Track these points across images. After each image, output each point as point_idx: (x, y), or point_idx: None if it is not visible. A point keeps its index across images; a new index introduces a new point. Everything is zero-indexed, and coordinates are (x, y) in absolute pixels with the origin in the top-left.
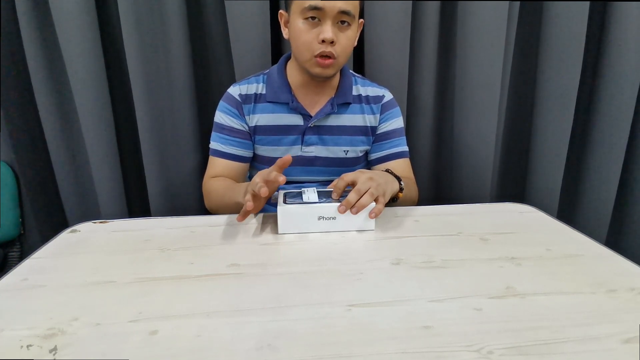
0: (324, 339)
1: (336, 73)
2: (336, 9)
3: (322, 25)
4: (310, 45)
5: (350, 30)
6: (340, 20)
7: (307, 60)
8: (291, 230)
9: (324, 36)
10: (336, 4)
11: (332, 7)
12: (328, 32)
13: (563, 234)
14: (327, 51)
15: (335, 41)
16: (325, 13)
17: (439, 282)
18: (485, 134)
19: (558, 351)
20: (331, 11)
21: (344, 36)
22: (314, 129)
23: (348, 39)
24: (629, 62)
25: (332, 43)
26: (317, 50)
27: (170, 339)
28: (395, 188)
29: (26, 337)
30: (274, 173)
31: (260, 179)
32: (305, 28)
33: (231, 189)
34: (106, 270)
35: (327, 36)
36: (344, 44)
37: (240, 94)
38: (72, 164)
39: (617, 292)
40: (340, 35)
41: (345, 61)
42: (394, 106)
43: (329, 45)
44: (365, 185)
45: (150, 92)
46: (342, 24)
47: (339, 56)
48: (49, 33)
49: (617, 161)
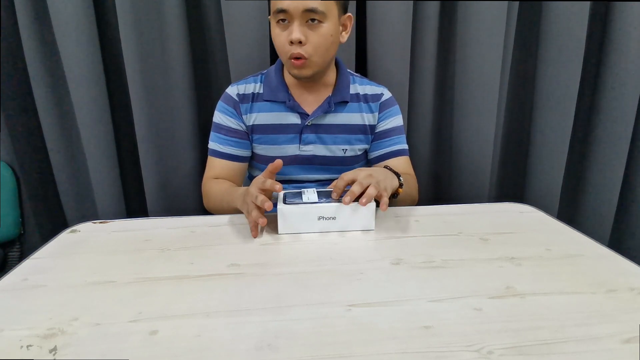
0: (324, 339)
1: (318, 72)
2: (300, 9)
3: (291, 26)
4: (283, 48)
5: (322, 28)
6: (310, 19)
7: (285, 62)
8: (291, 230)
9: (290, 37)
10: (299, 3)
11: (295, 7)
12: (295, 33)
13: (563, 234)
14: (296, 52)
15: (305, 41)
16: (291, 14)
17: (439, 282)
18: (484, 134)
19: (558, 351)
20: (296, 11)
21: (315, 34)
22: (312, 128)
23: (320, 37)
24: (630, 62)
25: (301, 43)
26: (289, 52)
27: (170, 339)
28: (395, 184)
29: (26, 337)
30: (269, 182)
31: (256, 190)
32: (278, 31)
33: (229, 194)
34: (106, 270)
35: (293, 37)
36: (316, 42)
37: (237, 94)
38: (72, 164)
39: (617, 292)
40: (310, 34)
41: (323, 59)
42: (393, 104)
43: (297, 46)
44: (366, 181)
45: (148, 92)
46: (313, 22)
47: (312, 55)
48: (48, 34)
49: (619, 161)
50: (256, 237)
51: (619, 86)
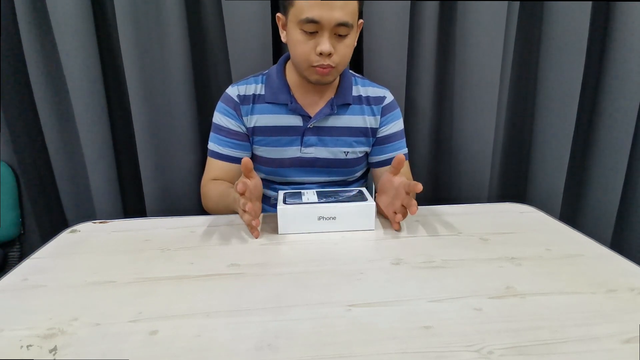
0: (324, 339)
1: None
2: (333, 22)
3: (319, 37)
4: (308, 57)
5: (348, 39)
6: (339, 33)
7: (305, 69)
8: (291, 231)
9: (321, 49)
10: (333, 16)
11: (329, 20)
12: (325, 45)
13: (563, 234)
14: (326, 64)
15: (333, 52)
16: (322, 26)
17: (439, 282)
18: (484, 135)
19: (558, 351)
20: (328, 24)
21: (342, 45)
22: (314, 130)
23: (346, 47)
24: (632, 62)
25: (330, 55)
26: (314, 62)
27: (170, 339)
28: None
29: (26, 337)
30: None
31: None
32: (303, 39)
33: (227, 195)
34: (106, 270)
35: (325, 49)
36: (343, 53)
37: (238, 95)
38: (72, 164)
39: (617, 292)
40: (338, 45)
41: (345, 67)
42: (395, 108)
43: (326, 58)
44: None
45: (146, 92)
46: (340, 36)
47: (338, 64)
48: (48, 34)
49: (621, 161)
50: (258, 237)
51: (620, 86)
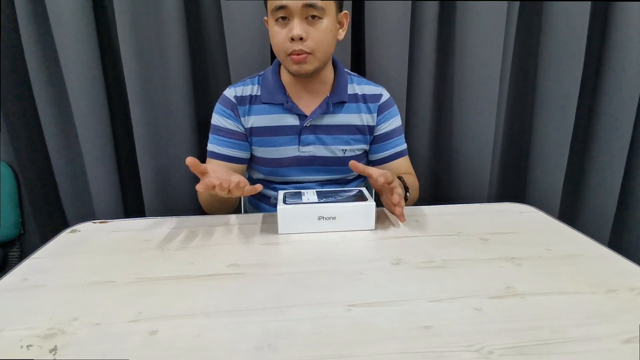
0: (324, 339)
1: (318, 68)
2: (300, 4)
3: (290, 23)
4: (283, 45)
5: (322, 24)
6: (310, 15)
7: (284, 60)
8: (291, 230)
9: (291, 34)
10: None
11: (295, 4)
12: (295, 29)
13: (563, 234)
14: (298, 49)
15: (305, 37)
16: (291, 10)
17: (439, 282)
18: (483, 134)
19: (558, 351)
20: (295, 7)
21: (316, 30)
22: (310, 129)
23: (320, 32)
24: (631, 62)
25: (302, 39)
26: (289, 49)
27: (170, 339)
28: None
29: (26, 337)
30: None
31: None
32: (277, 29)
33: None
34: (106, 270)
35: (295, 33)
36: (317, 38)
37: (235, 96)
38: (72, 164)
39: (617, 292)
40: (311, 30)
41: (325, 55)
42: (392, 105)
43: (298, 42)
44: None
45: (146, 92)
46: (313, 19)
47: (314, 50)
48: (48, 34)
49: (619, 161)
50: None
51: (619, 87)
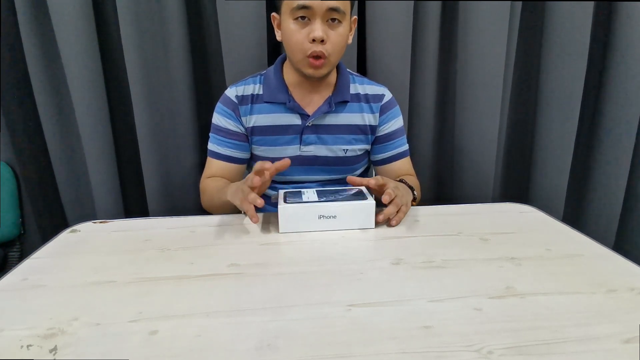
0: (324, 339)
1: (330, 72)
2: (325, 7)
3: (312, 24)
4: (302, 45)
5: (341, 27)
6: (330, 18)
7: (300, 60)
8: (292, 230)
9: (314, 35)
10: (324, 2)
11: (320, 5)
12: (318, 31)
13: (563, 234)
14: (318, 50)
15: (326, 39)
16: (314, 12)
17: (439, 282)
18: (487, 134)
19: (558, 351)
20: (320, 9)
21: (335, 33)
22: (312, 128)
23: (339, 36)
24: (635, 62)
25: (323, 42)
26: (308, 50)
27: (170, 339)
28: (410, 199)
29: (26, 337)
30: (255, 178)
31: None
32: (296, 28)
33: (221, 190)
34: (106, 270)
35: (317, 35)
36: (335, 42)
37: (236, 95)
38: (72, 164)
39: (617, 292)
40: (330, 33)
41: (337, 59)
42: (394, 105)
43: (319, 44)
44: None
45: (148, 92)
46: (333, 22)
47: (331, 55)
48: (49, 34)
49: (624, 162)
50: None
51: (623, 87)
